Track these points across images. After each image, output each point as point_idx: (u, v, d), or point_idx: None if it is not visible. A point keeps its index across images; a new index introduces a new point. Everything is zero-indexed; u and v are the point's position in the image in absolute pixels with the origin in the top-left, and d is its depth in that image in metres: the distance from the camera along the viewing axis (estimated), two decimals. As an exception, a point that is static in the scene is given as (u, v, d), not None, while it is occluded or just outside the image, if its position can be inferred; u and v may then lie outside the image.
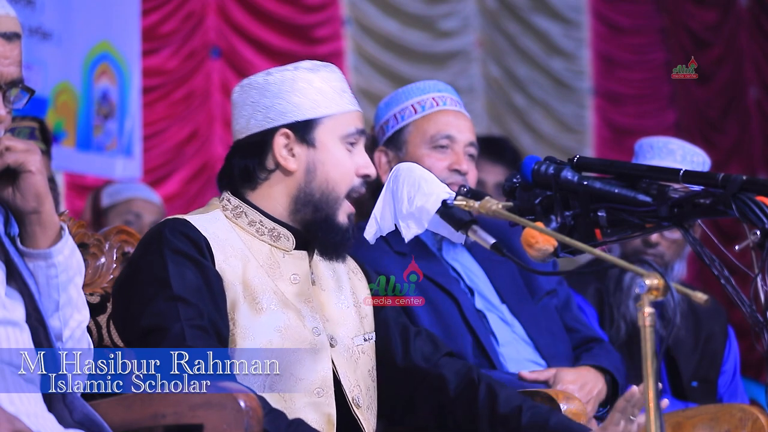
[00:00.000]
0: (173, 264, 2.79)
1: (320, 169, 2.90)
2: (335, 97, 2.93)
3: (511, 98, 7.81)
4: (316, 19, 6.89)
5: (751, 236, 2.38)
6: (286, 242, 2.92)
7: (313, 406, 2.81)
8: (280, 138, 2.90)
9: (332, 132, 2.91)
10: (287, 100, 2.91)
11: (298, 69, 2.93)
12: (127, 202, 5.34)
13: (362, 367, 2.94)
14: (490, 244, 2.65)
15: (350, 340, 2.93)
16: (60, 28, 5.74)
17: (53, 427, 2.49)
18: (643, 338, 2.30)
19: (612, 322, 4.27)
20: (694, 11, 8.49)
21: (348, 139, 2.92)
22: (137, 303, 2.80)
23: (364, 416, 2.91)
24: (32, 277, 2.58)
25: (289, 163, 2.90)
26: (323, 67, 2.95)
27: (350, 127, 2.92)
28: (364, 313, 3.01)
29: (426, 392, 3.02)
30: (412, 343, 3.05)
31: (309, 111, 2.90)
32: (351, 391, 2.89)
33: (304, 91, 2.91)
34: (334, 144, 2.91)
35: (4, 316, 2.51)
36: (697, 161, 4.28)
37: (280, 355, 2.77)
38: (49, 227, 2.59)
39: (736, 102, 8.46)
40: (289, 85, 2.91)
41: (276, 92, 2.92)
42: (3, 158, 2.53)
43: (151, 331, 2.75)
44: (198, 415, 2.51)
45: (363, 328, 2.98)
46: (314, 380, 2.82)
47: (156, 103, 6.22)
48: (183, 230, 2.83)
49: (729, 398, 4.45)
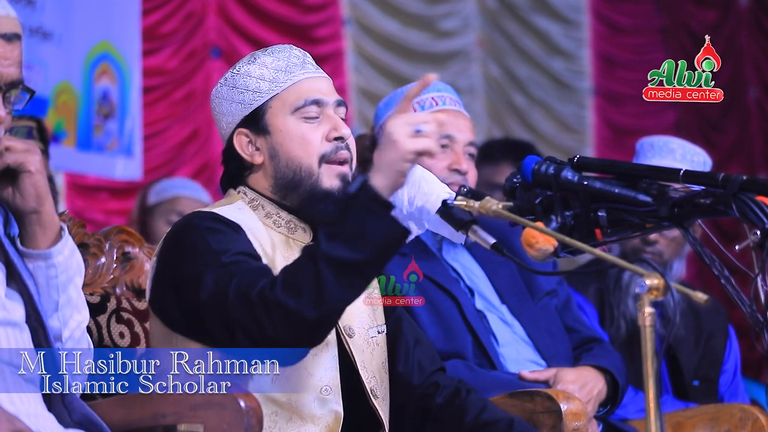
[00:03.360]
0: (210, 236, 2.75)
1: (281, 151, 2.88)
2: (276, 77, 2.90)
3: (511, 98, 7.81)
4: (317, 19, 6.89)
5: (752, 236, 2.38)
6: (303, 234, 2.90)
7: (321, 401, 2.79)
8: (241, 138, 2.92)
9: (280, 112, 2.89)
10: (234, 100, 2.92)
11: (238, 65, 2.95)
12: (172, 200, 5.27)
13: (377, 359, 2.93)
14: (490, 245, 2.65)
15: (365, 332, 2.92)
16: (60, 28, 5.74)
17: (53, 427, 2.49)
18: (643, 338, 2.30)
19: (612, 320, 4.27)
20: (694, 11, 8.49)
21: (301, 112, 2.88)
22: (188, 287, 2.71)
23: (381, 407, 2.90)
24: (32, 278, 2.58)
25: (255, 158, 2.91)
26: (262, 53, 2.94)
27: (298, 100, 2.89)
28: (375, 306, 3.00)
29: (416, 401, 3.02)
30: (412, 351, 3.05)
31: (253, 102, 2.90)
32: (369, 381, 2.88)
33: (245, 84, 2.91)
34: (285, 122, 2.88)
35: (4, 316, 2.51)
36: (697, 161, 4.28)
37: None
38: (49, 227, 2.59)
39: (736, 102, 8.46)
40: (232, 84, 2.92)
41: (225, 96, 2.94)
42: (3, 158, 2.53)
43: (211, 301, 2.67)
44: (198, 415, 2.51)
45: (376, 320, 2.97)
46: (326, 376, 2.81)
47: (156, 103, 6.22)
48: (213, 216, 2.82)
49: (730, 397, 4.45)
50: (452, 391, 3.02)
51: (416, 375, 3.04)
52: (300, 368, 2.78)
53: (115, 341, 3.06)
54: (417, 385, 3.03)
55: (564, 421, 3.20)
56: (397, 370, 3.02)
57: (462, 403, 3.00)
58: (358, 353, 2.88)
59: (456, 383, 3.04)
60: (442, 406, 3.00)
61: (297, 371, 2.78)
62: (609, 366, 3.60)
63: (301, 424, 2.77)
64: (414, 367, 3.04)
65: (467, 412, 2.98)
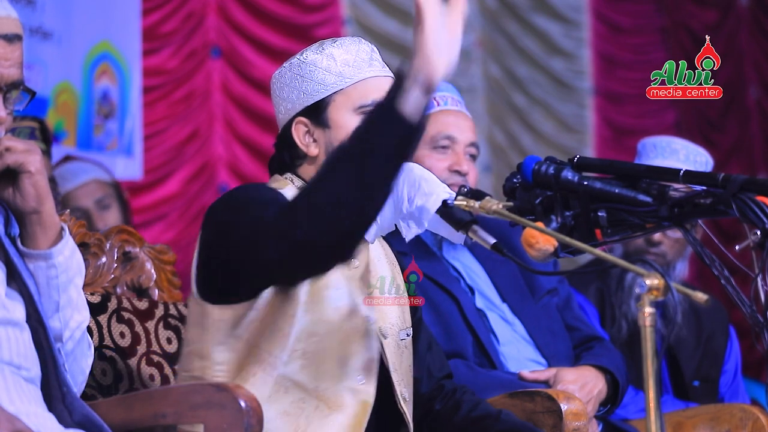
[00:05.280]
0: (264, 193, 2.73)
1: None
2: (342, 71, 2.88)
3: (512, 98, 7.81)
4: (317, 18, 6.89)
5: (752, 236, 2.38)
6: None
7: (351, 391, 2.78)
8: (299, 127, 2.90)
9: (344, 107, 2.87)
10: (297, 88, 2.90)
11: (305, 53, 2.92)
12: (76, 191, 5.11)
13: (405, 362, 2.93)
14: (490, 244, 2.65)
15: (396, 334, 2.91)
16: (60, 28, 5.73)
17: (53, 427, 2.49)
18: (644, 338, 2.30)
19: (613, 321, 4.27)
20: (694, 11, 8.49)
21: (364, 110, 2.85)
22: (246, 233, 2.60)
23: (408, 410, 2.89)
24: (32, 278, 2.58)
25: (311, 149, 2.90)
26: (331, 44, 2.91)
27: (363, 99, 2.86)
28: (404, 308, 3.00)
29: (421, 406, 3.02)
30: (424, 356, 3.06)
31: (317, 93, 2.89)
32: (399, 384, 2.87)
33: (311, 74, 2.89)
34: (348, 119, 2.86)
35: (5, 316, 2.51)
36: (700, 161, 4.28)
37: (335, 335, 2.75)
38: (50, 228, 2.59)
39: (736, 102, 8.46)
40: (297, 72, 2.90)
41: (288, 82, 2.92)
42: (3, 159, 2.53)
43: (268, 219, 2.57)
44: (198, 415, 2.51)
45: (405, 322, 2.97)
46: (360, 366, 2.80)
47: (156, 103, 6.21)
48: (262, 185, 2.81)
49: (730, 398, 4.45)
50: (449, 395, 3.02)
51: (425, 382, 3.05)
52: (343, 350, 2.77)
53: (116, 341, 3.07)
54: (424, 393, 3.04)
55: (564, 421, 3.21)
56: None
57: (455, 402, 3.00)
58: (391, 356, 2.87)
59: (455, 387, 3.05)
60: (439, 411, 3.01)
61: (340, 353, 2.77)
62: (609, 365, 3.60)
63: (328, 413, 2.76)
64: (424, 373, 3.05)
65: (459, 409, 2.99)
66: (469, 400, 3.01)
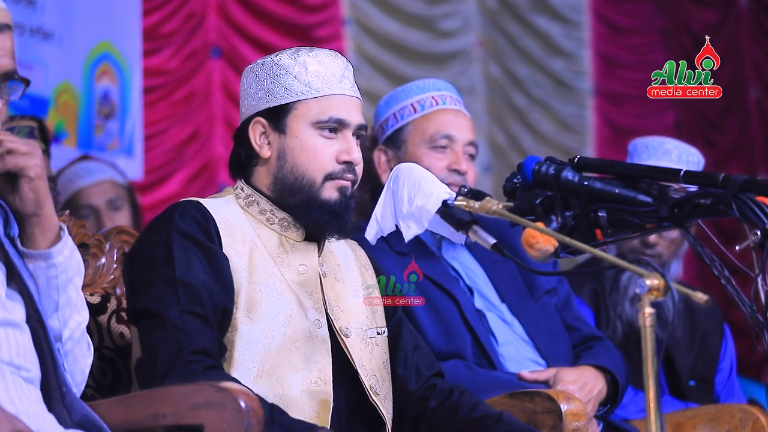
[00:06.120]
0: (179, 247, 2.79)
1: (289, 155, 2.90)
2: (312, 82, 2.90)
3: (512, 98, 7.81)
4: (317, 19, 6.89)
5: (752, 236, 2.38)
6: (296, 232, 2.93)
7: (309, 394, 2.81)
8: (256, 126, 2.93)
9: (303, 118, 2.90)
10: (264, 87, 2.93)
11: (280, 55, 2.95)
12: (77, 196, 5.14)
13: (377, 359, 2.95)
14: (490, 245, 2.65)
15: (363, 332, 2.94)
16: (61, 28, 5.73)
17: (53, 427, 2.49)
18: (644, 338, 2.30)
19: (608, 322, 4.27)
20: (694, 11, 8.49)
21: (321, 125, 2.90)
22: (139, 282, 2.81)
23: (382, 404, 2.92)
24: (32, 278, 2.58)
25: (263, 151, 2.93)
26: (307, 53, 2.93)
27: (322, 114, 2.90)
28: (375, 308, 3.02)
29: (413, 405, 3.03)
30: (411, 355, 3.06)
31: (280, 98, 2.91)
32: (368, 379, 2.90)
33: (280, 77, 2.91)
34: (304, 130, 2.90)
35: (4, 316, 2.51)
36: (692, 161, 4.28)
37: (279, 343, 2.78)
38: (49, 229, 2.58)
39: (736, 102, 8.46)
40: (268, 72, 2.93)
41: (257, 79, 2.95)
42: (4, 162, 2.52)
43: (147, 315, 2.76)
44: (198, 415, 2.51)
45: (375, 322, 2.99)
46: (312, 371, 2.82)
47: (157, 103, 6.22)
48: (193, 213, 2.83)
49: (726, 396, 4.45)
50: (446, 394, 3.03)
51: (414, 380, 3.05)
52: (292, 358, 2.79)
53: (116, 341, 3.06)
54: (414, 390, 3.04)
55: (564, 421, 3.20)
56: (397, 373, 3.04)
57: (454, 403, 3.01)
58: (355, 352, 2.90)
59: (451, 386, 3.05)
60: (435, 409, 3.01)
61: (290, 361, 2.79)
62: (609, 365, 3.59)
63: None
64: (411, 371, 3.05)
65: (459, 410, 2.99)
66: (467, 400, 3.01)
